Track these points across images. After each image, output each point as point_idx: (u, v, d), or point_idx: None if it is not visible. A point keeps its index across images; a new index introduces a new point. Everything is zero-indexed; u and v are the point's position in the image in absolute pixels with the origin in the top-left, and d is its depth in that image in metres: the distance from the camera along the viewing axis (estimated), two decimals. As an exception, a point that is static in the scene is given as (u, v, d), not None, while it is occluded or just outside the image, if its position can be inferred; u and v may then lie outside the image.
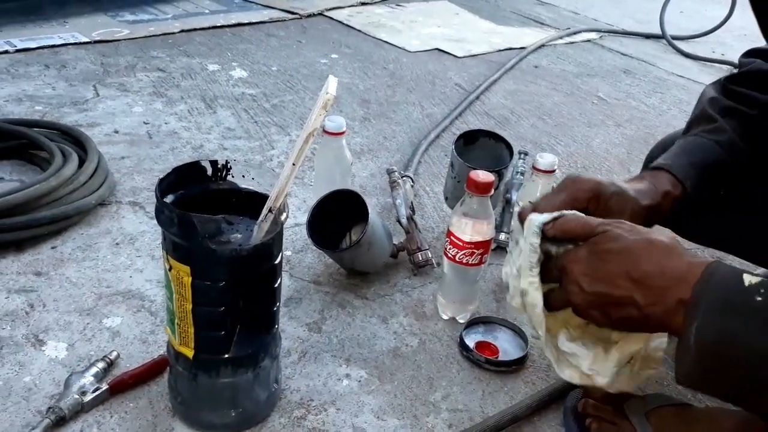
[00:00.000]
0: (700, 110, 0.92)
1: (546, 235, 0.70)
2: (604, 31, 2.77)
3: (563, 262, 0.68)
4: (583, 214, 0.71)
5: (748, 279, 0.57)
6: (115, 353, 0.86)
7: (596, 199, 0.77)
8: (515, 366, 0.94)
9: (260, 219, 0.69)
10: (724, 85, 0.93)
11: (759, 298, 0.55)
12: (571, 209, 0.74)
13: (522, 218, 0.75)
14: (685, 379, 0.60)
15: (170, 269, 0.70)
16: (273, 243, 0.71)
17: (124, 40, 2.07)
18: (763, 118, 0.87)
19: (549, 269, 0.70)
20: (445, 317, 1.03)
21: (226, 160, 0.75)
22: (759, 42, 0.93)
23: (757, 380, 0.56)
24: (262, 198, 0.71)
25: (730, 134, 0.86)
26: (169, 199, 0.72)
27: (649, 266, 0.62)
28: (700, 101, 0.94)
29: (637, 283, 0.62)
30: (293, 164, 0.66)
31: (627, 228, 0.66)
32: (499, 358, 0.94)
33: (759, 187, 0.88)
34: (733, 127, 0.87)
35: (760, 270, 1.18)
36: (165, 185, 0.71)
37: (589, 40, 2.64)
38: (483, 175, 0.93)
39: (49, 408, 0.77)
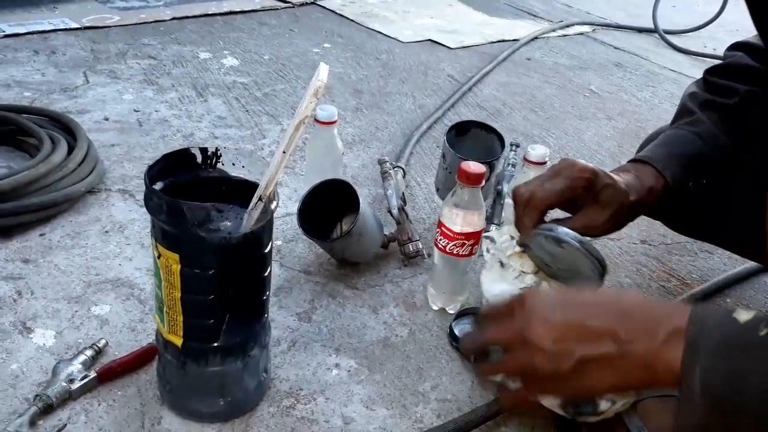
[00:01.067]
0: (681, 105, 0.94)
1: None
2: (597, 25, 2.76)
3: (521, 298, 0.61)
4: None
5: (741, 316, 0.53)
6: (103, 341, 0.86)
7: (590, 188, 0.78)
8: (504, 357, 0.94)
9: (250, 207, 0.69)
10: (704, 77, 0.94)
11: (762, 333, 0.51)
12: (567, 197, 0.77)
13: (519, 201, 0.78)
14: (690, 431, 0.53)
15: (159, 257, 0.69)
16: (263, 231, 0.71)
17: (115, 26, 2.05)
18: (742, 108, 0.88)
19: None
20: (435, 308, 1.03)
21: (216, 148, 0.75)
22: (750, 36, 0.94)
23: None
24: (252, 186, 0.70)
25: (709, 126, 0.88)
26: (158, 186, 0.71)
27: (631, 303, 0.58)
28: (682, 97, 0.96)
29: (619, 316, 0.56)
30: (284, 152, 0.65)
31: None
32: (489, 349, 0.95)
33: (739, 178, 0.89)
34: (713, 120, 0.88)
35: (745, 265, 1.19)
36: (154, 172, 0.70)
37: (581, 33, 2.64)
38: (474, 166, 0.93)
39: (37, 395, 0.77)
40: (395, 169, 1.26)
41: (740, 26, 2.63)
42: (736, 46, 0.96)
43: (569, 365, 0.56)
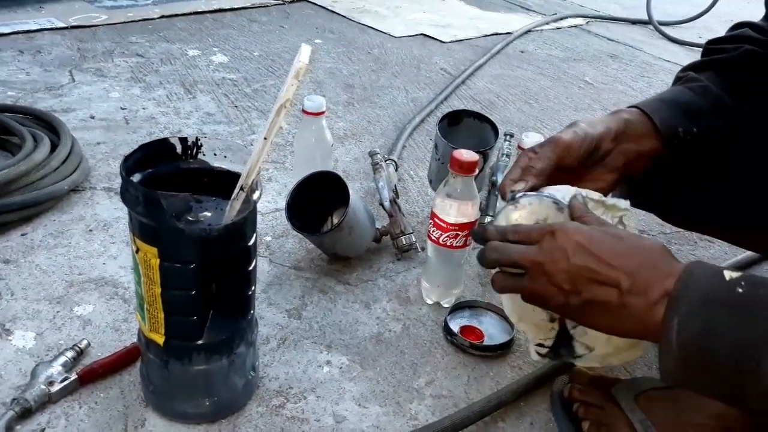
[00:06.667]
0: (675, 77, 0.92)
1: None
2: (591, 17, 2.74)
3: (552, 230, 0.64)
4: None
5: (728, 274, 0.56)
6: (85, 342, 0.83)
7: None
8: (501, 351, 0.91)
9: (232, 197, 0.66)
10: (705, 47, 0.92)
11: (740, 290, 0.55)
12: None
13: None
14: (669, 376, 0.58)
15: (137, 251, 0.66)
16: (245, 223, 0.68)
17: (102, 25, 2.02)
18: (739, 61, 0.85)
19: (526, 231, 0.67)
20: (429, 302, 1.00)
21: (197, 137, 0.72)
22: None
23: (739, 372, 0.54)
24: (234, 176, 0.67)
25: (702, 81, 0.85)
26: (136, 178, 0.68)
27: (642, 258, 0.61)
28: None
29: (627, 270, 0.60)
30: (265, 138, 0.62)
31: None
32: (485, 343, 0.92)
33: (747, 142, 0.86)
34: (708, 77, 0.86)
35: (746, 254, 1.16)
36: (131, 163, 0.67)
37: (575, 26, 2.61)
38: (467, 155, 0.90)
39: (14, 399, 0.74)
40: (387, 161, 1.23)
41: (735, 17, 2.60)
42: (739, 25, 0.93)
43: (576, 303, 0.62)
